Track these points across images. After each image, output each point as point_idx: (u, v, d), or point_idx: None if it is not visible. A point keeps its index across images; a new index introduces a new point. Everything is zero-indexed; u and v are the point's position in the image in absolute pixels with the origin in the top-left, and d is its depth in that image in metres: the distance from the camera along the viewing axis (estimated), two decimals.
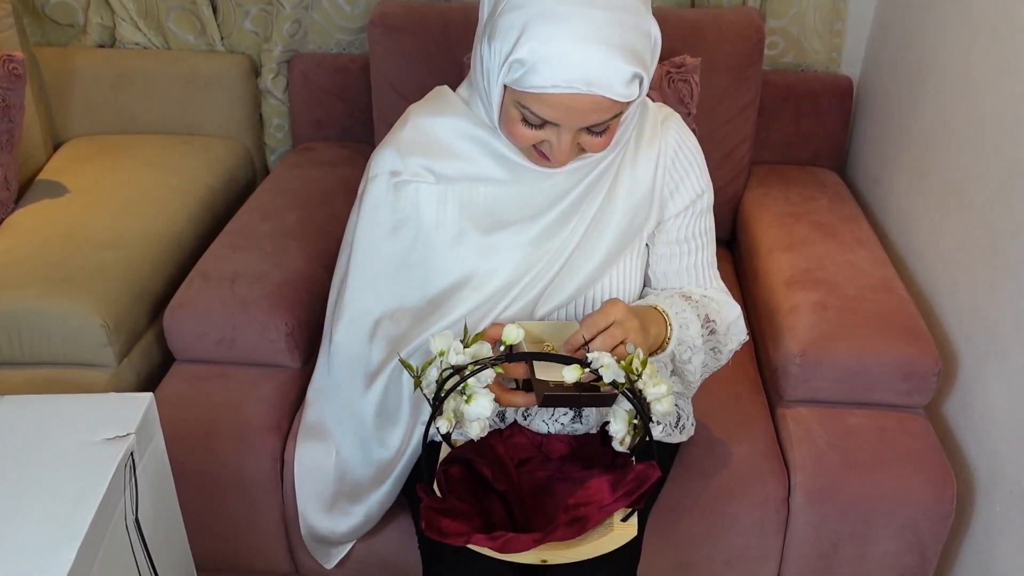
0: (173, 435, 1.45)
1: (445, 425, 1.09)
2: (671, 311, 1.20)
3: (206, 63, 2.14)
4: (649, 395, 1.07)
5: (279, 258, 1.67)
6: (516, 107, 1.06)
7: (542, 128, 1.07)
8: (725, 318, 1.28)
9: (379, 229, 1.21)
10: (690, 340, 1.21)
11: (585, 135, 1.08)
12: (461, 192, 1.19)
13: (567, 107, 1.02)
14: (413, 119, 1.21)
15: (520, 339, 1.08)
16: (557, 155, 1.08)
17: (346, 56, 2.14)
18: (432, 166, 1.19)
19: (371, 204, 1.21)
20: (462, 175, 1.18)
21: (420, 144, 1.19)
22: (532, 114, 1.05)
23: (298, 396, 1.57)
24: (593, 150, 1.11)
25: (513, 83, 1.03)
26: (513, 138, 1.10)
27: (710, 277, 1.32)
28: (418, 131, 1.20)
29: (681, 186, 1.25)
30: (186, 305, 1.58)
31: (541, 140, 1.09)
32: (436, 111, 1.21)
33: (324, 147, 2.13)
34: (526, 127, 1.07)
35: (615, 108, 1.04)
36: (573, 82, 0.99)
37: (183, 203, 1.89)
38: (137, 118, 2.15)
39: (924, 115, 1.75)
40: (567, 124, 1.05)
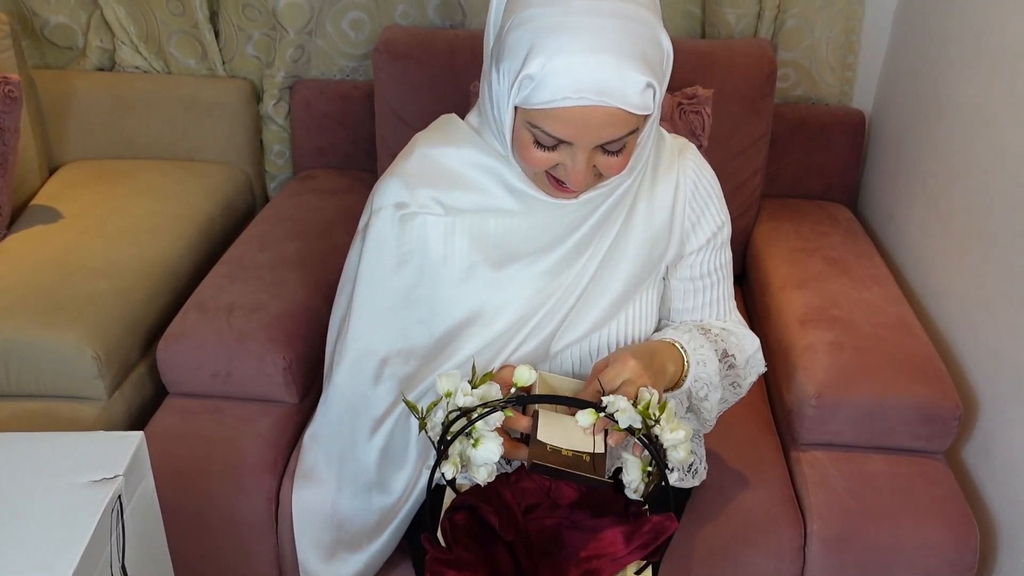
0: (164, 472, 1.40)
1: (451, 470, 1.03)
2: (689, 347, 1.15)
3: (207, 88, 2.10)
4: (666, 441, 1.02)
5: (277, 289, 1.62)
6: (528, 129, 1.02)
7: (555, 150, 1.02)
8: (744, 351, 1.24)
9: (384, 263, 1.16)
10: (707, 377, 1.17)
11: (600, 155, 1.03)
12: (471, 224, 1.15)
13: (580, 122, 0.97)
14: (420, 149, 1.17)
15: (532, 381, 1.03)
16: (572, 177, 1.03)
17: (349, 83, 2.11)
18: (440, 197, 1.14)
19: (375, 238, 1.16)
20: (472, 206, 1.14)
21: (428, 174, 1.15)
22: (545, 134, 1.00)
23: (295, 433, 1.52)
24: (610, 172, 1.05)
25: (524, 102, 0.99)
26: (526, 163, 1.06)
27: (728, 310, 1.28)
28: (425, 161, 1.16)
29: (702, 219, 1.21)
30: (180, 337, 1.52)
31: (555, 164, 1.04)
32: (444, 140, 1.16)
33: (325, 175, 2.09)
34: (539, 150, 1.03)
35: (630, 122, 0.99)
36: (584, 92, 0.95)
37: (180, 231, 1.84)
38: (135, 143, 2.12)
39: (940, 150, 1.71)
40: (581, 142, 1.00)
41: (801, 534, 1.38)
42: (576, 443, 1.02)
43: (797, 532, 1.38)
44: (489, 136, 1.13)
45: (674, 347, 1.14)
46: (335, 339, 1.24)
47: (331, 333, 1.26)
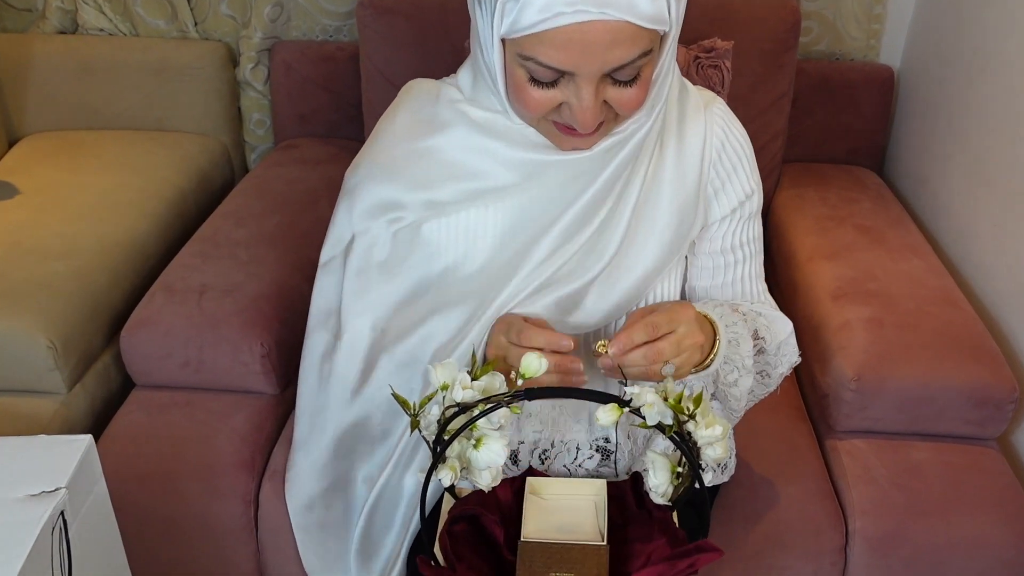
0: (129, 474, 1.28)
1: (449, 476, 0.88)
2: (720, 323, 1.00)
3: (178, 51, 1.95)
4: (701, 439, 0.87)
5: (255, 268, 1.48)
6: (520, 65, 0.86)
7: (556, 86, 0.86)
8: (775, 336, 1.09)
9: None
10: (739, 360, 1.02)
11: (611, 87, 0.86)
12: (471, 217, 1.00)
13: (578, 43, 0.81)
14: (406, 144, 1.01)
15: (543, 371, 0.88)
16: (580, 116, 0.87)
17: (333, 43, 1.96)
18: (434, 197, 0.99)
19: (362, 260, 1.03)
20: (471, 194, 0.99)
21: (420, 174, 1.00)
22: (539, 65, 0.84)
23: (275, 427, 1.37)
24: (625, 108, 0.89)
25: (510, 31, 0.83)
26: (525, 108, 0.89)
27: (758, 291, 1.13)
28: (411, 157, 1.00)
29: (728, 184, 1.05)
30: (146, 323, 1.38)
31: (558, 105, 0.88)
32: (428, 129, 1.01)
33: (309, 144, 1.94)
34: (536, 89, 0.87)
35: (640, 40, 0.83)
36: (579, 3, 0.79)
37: (149, 207, 1.69)
38: (101, 112, 1.97)
39: (982, 107, 1.56)
40: (583, 69, 0.83)
41: (842, 533, 1.25)
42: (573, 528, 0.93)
43: (838, 531, 1.24)
44: (485, 93, 0.97)
45: (706, 320, 0.99)
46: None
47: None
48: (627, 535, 0.97)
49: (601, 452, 1.10)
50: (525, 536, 0.92)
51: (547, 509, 0.98)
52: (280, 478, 1.28)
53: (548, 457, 1.09)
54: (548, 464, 1.09)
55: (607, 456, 1.10)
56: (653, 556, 0.91)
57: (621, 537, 0.97)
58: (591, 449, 1.09)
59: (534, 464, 1.10)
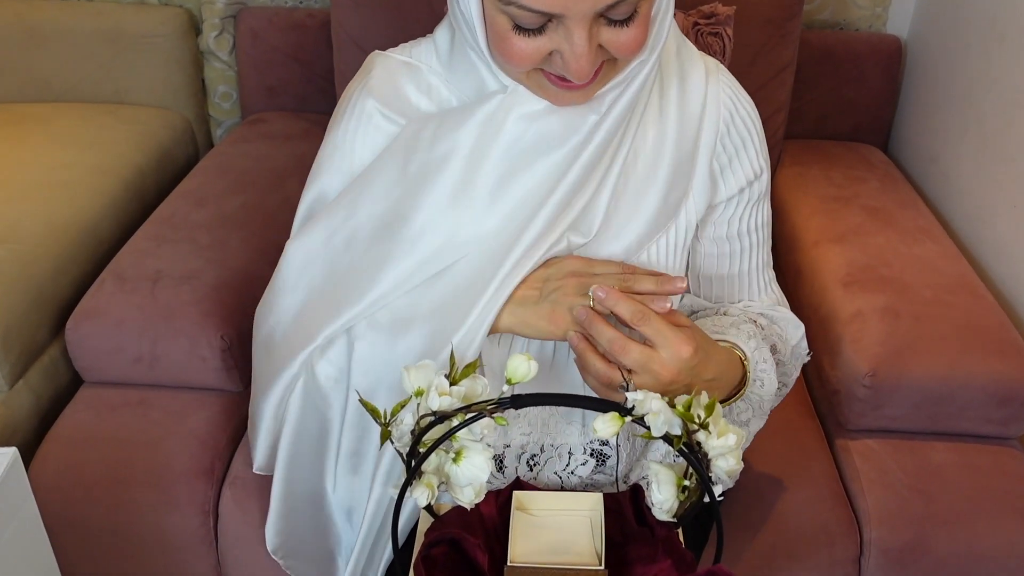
0: (75, 481, 1.18)
1: (425, 495, 0.77)
2: (753, 359, 0.90)
3: (135, 18, 1.85)
4: (712, 449, 0.76)
5: (215, 253, 1.37)
6: (502, 11, 0.74)
7: (543, 33, 0.74)
8: (788, 341, 1.00)
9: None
10: (758, 401, 0.94)
11: (605, 29, 0.75)
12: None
13: None
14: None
15: (532, 374, 0.77)
16: (573, 64, 0.75)
17: (303, 9, 1.86)
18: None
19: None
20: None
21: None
22: (523, 9, 0.72)
23: (237, 429, 1.26)
24: (624, 51, 0.77)
25: None
26: (510, 62, 0.77)
27: (765, 282, 1.03)
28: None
29: (736, 161, 0.94)
30: (94, 314, 1.26)
31: (548, 55, 0.76)
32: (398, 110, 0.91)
33: (278, 118, 1.84)
34: (522, 38, 0.75)
35: None
36: None
37: (102, 186, 1.57)
38: (51, 83, 1.87)
39: (998, 79, 1.45)
40: (573, 9, 0.72)
41: (856, 543, 1.15)
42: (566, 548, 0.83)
43: (851, 541, 1.15)
44: (463, 53, 0.85)
45: (740, 361, 0.89)
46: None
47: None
48: (627, 556, 0.87)
49: (596, 457, 0.99)
50: (512, 560, 0.82)
51: (537, 527, 0.87)
52: (242, 484, 1.17)
53: (537, 463, 0.98)
54: (537, 471, 0.98)
55: (603, 461, 0.99)
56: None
57: (620, 558, 0.86)
58: (585, 454, 0.99)
59: (521, 470, 0.99)
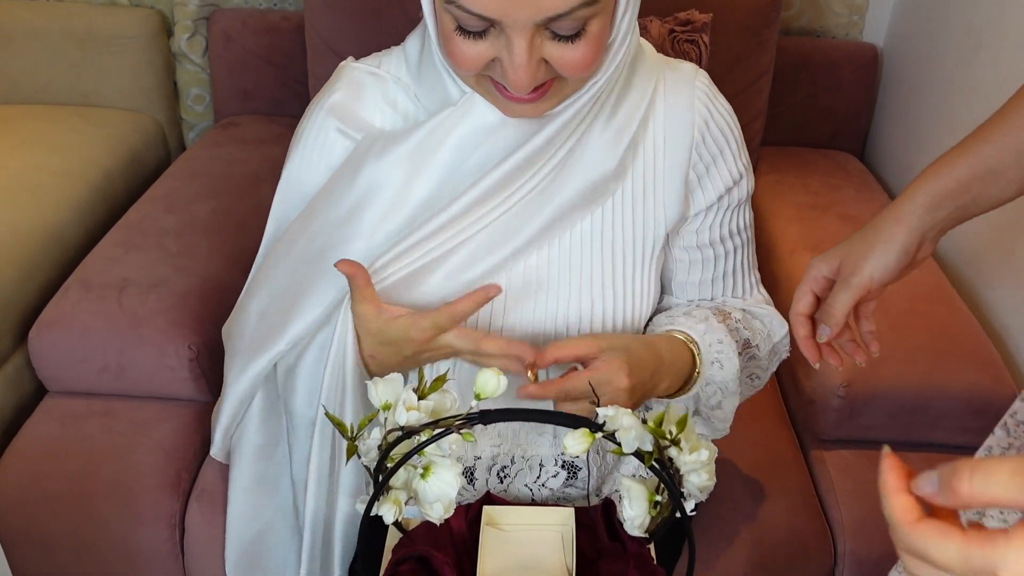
0: (38, 495, 1.16)
1: (392, 512, 0.75)
2: (703, 342, 0.89)
3: (106, 19, 1.83)
4: (684, 465, 0.75)
5: (184, 260, 1.35)
6: (447, 10, 0.73)
7: (484, 38, 0.73)
8: (770, 338, 1.00)
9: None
10: (723, 382, 0.92)
11: (550, 43, 0.74)
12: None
13: None
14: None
15: (501, 391, 0.75)
16: (512, 75, 0.74)
17: (277, 12, 1.84)
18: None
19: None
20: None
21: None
22: (462, 10, 0.71)
23: (204, 440, 1.24)
24: (570, 70, 0.75)
25: None
26: (456, 64, 0.77)
27: (751, 284, 1.02)
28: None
29: (713, 168, 0.93)
30: (59, 322, 1.24)
31: (490, 61, 0.75)
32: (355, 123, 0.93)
33: (250, 122, 1.82)
34: (465, 40, 0.74)
35: None
36: None
37: (69, 191, 1.54)
38: (19, 85, 1.84)
39: (975, 87, 1.46)
40: (511, 18, 0.70)
41: (831, 554, 1.16)
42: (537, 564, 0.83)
43: (826, 552, 1.15)
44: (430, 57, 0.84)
45: (685, 346, 0.88)
46: None
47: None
48: (599, 571, 0.86)
49: (567, 469, 0.98)
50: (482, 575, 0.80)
51: (507, 542, 0.86)
52: (209, 497, 1.15)
53: (508, 475, 0.96)
54: (508, 483, 0.97)
55: (574, 474, 0.98)
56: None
57: (592, 574, 0.85)
58: (556, 465, 0.98)
59: (492, 482, 0.97)
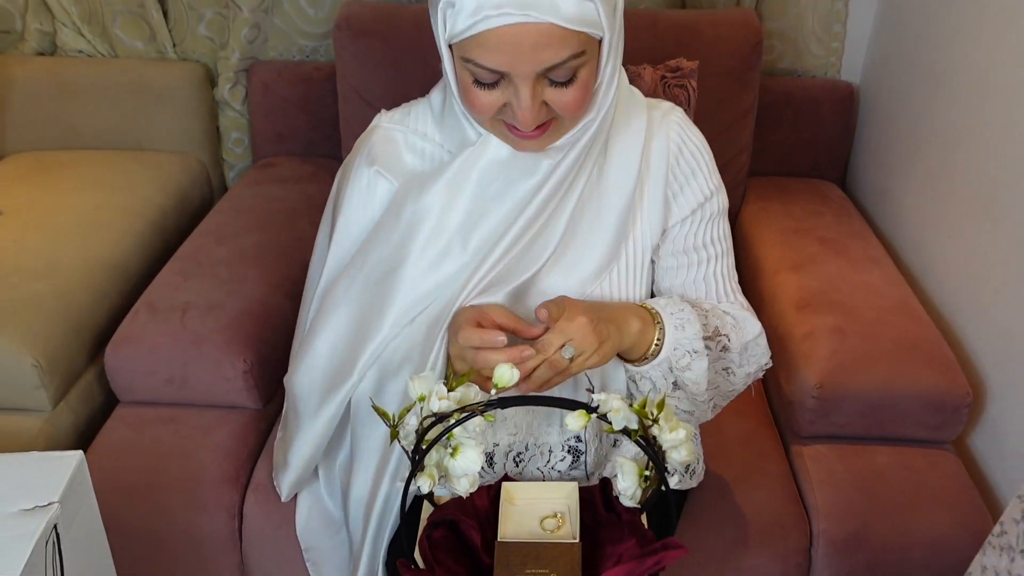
0: (114, 488, 1.30)
1: (427, 483, 0.92)
2: (665, 310, 1.05)
3: (156, 72, 1.98)
4: (665, 442, 0.92)
5: (236, 286, 1.51)
6: (464, 67, 0.92)
7: (497, 87, 0.92)
8: (742, 336, 1.12)
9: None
10: (688, 343, 1.05)
11: (549, 89, 0.92)
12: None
13: (509, 44, 0.87)
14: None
15: (515, 381, 0.92)
16: (519, 115, 0.92)
17: (310, 63, 1.99)
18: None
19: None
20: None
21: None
22: (478, 67, 0.90)
23: (258, 441, 1.41)
24: (564, 110, 0.94)
25: (452, 35, 0.90)
26: (472, 109, 0.95)
27: (728, 290, 1.16)
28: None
29: (687, 187, 1.10)
30: (130, 340, 1.40)
31: (502, 106, 0.94)
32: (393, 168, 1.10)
33: (287, 162, 1.97)
34: (481, 90, 0.92)
35: (569, 42, 0.88)
36: (504, 7, 0.85)
37: (129, 226, 1.72)
38: (81, 133, 1.99)
39: (939, 121, 1.62)
40: (517, 69, 0.89)
41: (807, 534, 1.29)
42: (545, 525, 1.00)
43: (802, 532, 1.29)
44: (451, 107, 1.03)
45: (642, 308, 1.04)
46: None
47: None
48: (599, 538, 1.01)
49: (572, 453, 1.14)
50: (502, 537, 0.97)
51: (522, 513, 1.02)
52: (263, 490, 1.31)
53: (522, 460, 1.13)
54: (522, 467, 1.13)
55: (578, 458, 1.14)
56: (624, 556, 0.95)
57: (593, 540, 1.01)
58: (563, 451, 1.14)
59: (508, 467, 1.13)
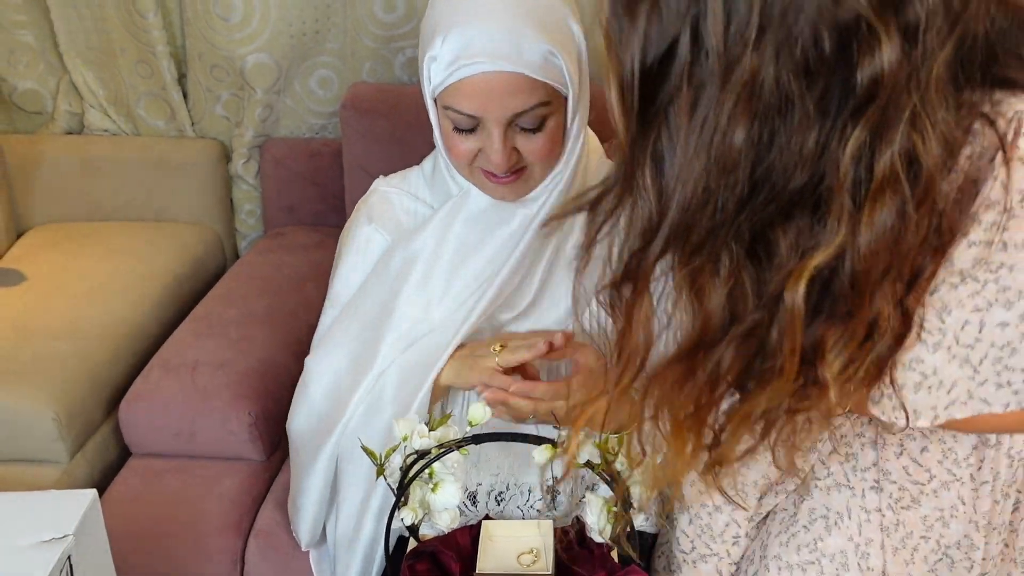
0: (125, 534, 1.36)
1: (411, 516, 1.00)
2: None
3: (176, 149, 2.09)
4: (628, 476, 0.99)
5: (245, 345, 1.60)
6: (446, 116, 1.02)
7: (474, 133, 1.02)
8: None
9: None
10: None
11: (519, 136, 1.02)
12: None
13: (482, 91, 0.97)
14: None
15: (487, 418, 1.01)
16: (494, 157, 1.02)
17: (319, 140, 2.10)
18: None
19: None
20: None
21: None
22: (456, 112, 1.00)
23: (262, 491, 1.48)
24: (532, 156, 1.04)
25: (435, 88, 1.01)
26: (452, 155, 1.06)
27: None
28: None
29: None
30: (143, 396, 1.50)
31: (478, 153, 1.04)
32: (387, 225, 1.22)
33: (295, 232, 2.07)
34: (459, 136, 1.03)
35: (536, 91, 0.99)
36: (476, 57, 0.96)
37: (146, 291, 1.82)
38: (104, 205, 2.10)
39: None
40: (489, 114, 0.99)
41: None
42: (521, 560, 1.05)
43: None
44: (440, 168, 1.14)
45: None
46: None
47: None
48: (572, 573, 1.08)
49: (551, 493, 1.21)
50: (481, 570, 1.04)
51: (501, 548, 1.09)
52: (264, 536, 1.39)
53: (503, 499, 1.20)
54: (504, 505, 1.20)
55: (555, 496, 1.21)
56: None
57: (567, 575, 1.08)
58: (542, 490, 1.21)
59: (491, 505, 1.20)
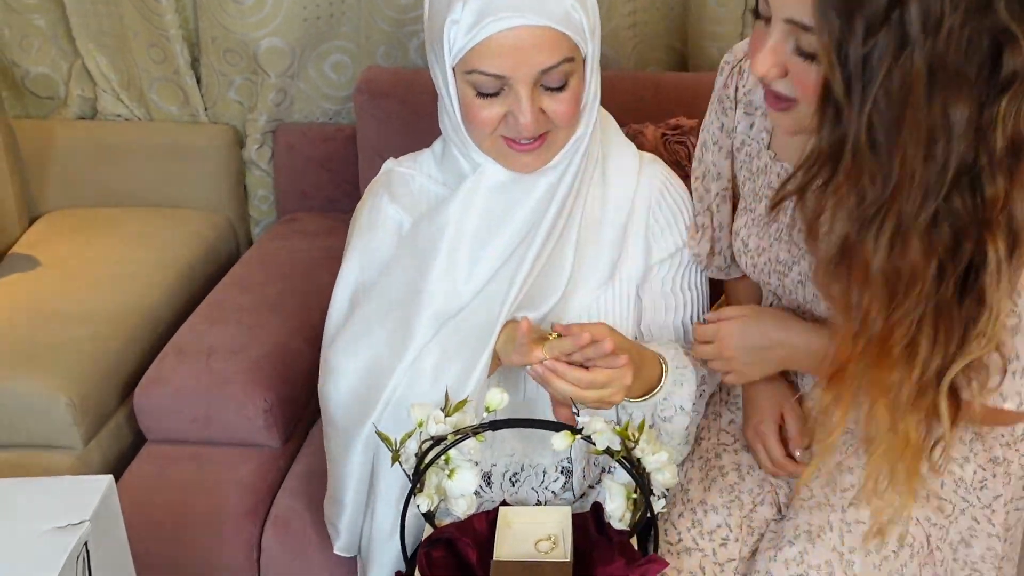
0: (140, 521, 1.36)
1: (426, 502, 1.00)
2: (672, 363, 1.12)
3: (189, 134, 2.07)
4: (648, 464, 0.98)
5: (259, 332, 1.59)
6: (467, 83, 1.02)
7: (499, 96, 1.01)
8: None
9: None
10: (679, 400, 1.13)
11: (545, 97, 1.02)
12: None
13: (510, 47, 0.97)
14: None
15: (504, 404, 1.00)
16: (521, 120, 1.01)
17: (332, 125, 2.09)
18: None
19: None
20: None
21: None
22: (481, 74, 1.00)
23: (278, 477, 1.48)
24: (559, 117, 1.04)
25: (456, 55, 1.00)
26: (476, 124, 1.05)
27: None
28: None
29: (668, 231, 1.19)
30: (158, 382, 1.49)
31: (503, 116, 1.03)
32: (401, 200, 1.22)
33: (309, 217, 2.06)
34: (482, 103, 1.02)
35: (561, 45, 0.99)
36: (501, 12, 0.96)
37: (160, 277, 1.82)
38: (117, 191, 2.08)
39: None
40: (517, 71, 0.99)
41: None
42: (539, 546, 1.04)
43: None
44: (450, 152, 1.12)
45: (656, 360, 1.11)
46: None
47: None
48: (590, 559, 1.07)
49: (565, 474, 1.20)
50: (498, 556, 1.03)
51: (518, 535, 1.08)
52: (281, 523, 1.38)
53: (518, 480, 1.19)
54: (518, 487, 1.19)
55: (570, 477, 1.20)
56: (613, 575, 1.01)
57: (585, 562, 1.07)
58: (556, 471, 1.20)
59: (505, 486, 1.19)
